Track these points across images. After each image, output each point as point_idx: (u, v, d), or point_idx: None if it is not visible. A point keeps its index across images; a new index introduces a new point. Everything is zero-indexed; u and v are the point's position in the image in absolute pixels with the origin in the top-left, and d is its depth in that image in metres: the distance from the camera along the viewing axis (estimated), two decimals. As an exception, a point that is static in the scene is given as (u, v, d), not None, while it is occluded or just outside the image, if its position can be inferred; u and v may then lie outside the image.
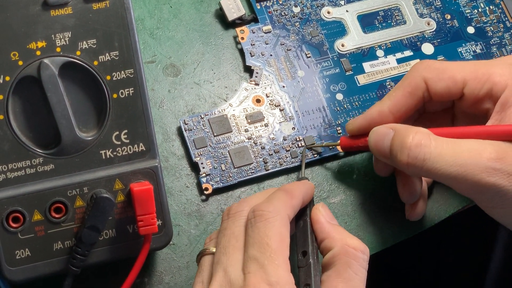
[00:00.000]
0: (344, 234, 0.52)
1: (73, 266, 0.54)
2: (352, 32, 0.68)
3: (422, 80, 0.58)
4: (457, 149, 0.53)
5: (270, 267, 0.47)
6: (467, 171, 0.52)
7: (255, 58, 0.66)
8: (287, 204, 0.51)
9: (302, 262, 0.51)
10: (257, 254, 0.48)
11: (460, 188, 0.54)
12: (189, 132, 0.63)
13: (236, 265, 0.49)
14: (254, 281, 0.47)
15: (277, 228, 0.49)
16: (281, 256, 0.48)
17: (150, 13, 0.67)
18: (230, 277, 0.48)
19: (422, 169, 0.54)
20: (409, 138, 0.54)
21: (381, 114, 0.59)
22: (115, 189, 0.55)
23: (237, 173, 0.62)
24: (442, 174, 0.53)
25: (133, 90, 0.55)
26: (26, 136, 0.53)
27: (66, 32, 0.53)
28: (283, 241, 0.49)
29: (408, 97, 0.59)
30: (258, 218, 0.50)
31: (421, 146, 0.54)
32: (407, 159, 0.54)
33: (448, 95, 0.58)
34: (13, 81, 0.52)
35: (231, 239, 0.50)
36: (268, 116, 0.64)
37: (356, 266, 0.50)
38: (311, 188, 0.55)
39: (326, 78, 0.67)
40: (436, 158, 0.53)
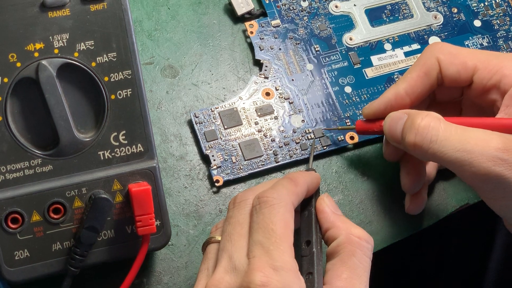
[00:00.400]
0: (349, 224, 0.52)
1: (72, 267, 0.54)
2: (360, 26, 0.69)
3: (436, 60, 0.59)
4: (465, 136, 0.53)
5: (275, 252, 0.47)
6: (473, 158, 0.52)
7: (264, 52, 0.67)
8: (292, 191, 0.52)
9: (306, 251, 0.52)
10: (262, 239, 0.48)
11: (464, 175, 0.54)
12: (200, 125, 0.63)
13: (241, 251, 0.49)
14: (259, 265, 0.47)
15: (282, 214, 0.49)
16: (285, 242, 0.48)
17: (148, 14, 0.67)
18: (235, 262, 0.48)
19: (428, 151, 0.54)
20: (419, 119, 0.55)
21: (397, 96, 0.59)
22: (113, 189, 0.55)
23: (248, 165, 0.63)
24: (447, 158, 0.53)
25: (131, 91, 0.55)
26: (25, 137, 0.54)
27: (64, 33, 0.53)
28: (288, 227, 0.49)
29: (423, 78, 0.59)
30: (263, 205, 0.50)
31: (430, 128, 0.54)
32: (414, 139, 0.54)
33: (458, 80, 0.58)
34: (11, 82, 0.53)
35: (236, 226, 0.50)
36: (278, 109, 0.65)
37: (360, 254, 0.50)
38: (316, 178, 0.55)
39: (334, 71, 0.67)
40: (443, 141, 0.53)
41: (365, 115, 0.61)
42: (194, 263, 0.60)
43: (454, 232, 0.82)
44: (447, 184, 0.65)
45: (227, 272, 0.48)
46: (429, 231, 0.64)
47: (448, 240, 0.84)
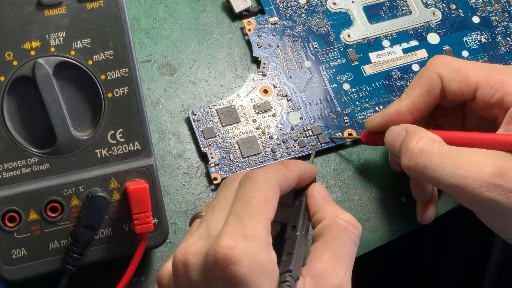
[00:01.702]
0: (337, 208, 0.52)
1: (69, 265, 0.54)
2: (358, 23, 0.69)
3: (438, 77, 0.58)
4: (459, 160, 0.53)
5: (248, 221, 0.47)
6: (466, 183, 0.52)
7: (262, 49, 0.67)
8: (280, 172, 0.52)
9: (290, 235, 0.51)
10: (238, 209, 0.48)
11: (459, 199, 0.54)
12: (198, 123, 0.63)
13: (220, 222, 0.49)
14: (230, 231, 0.47)
15: (264, 190, 0.49)
16: (261, 215, 0.48)
17: (145, 12, 0.67)
18: (210, 230, 0.49)
19: (422, 176, 0.54)
20: (413, 142, 0.55)
21: (399, 113, 0.59)
22: (110, 188, 0.55)
23: (246, 162, 0.63)
24: (441, 183, 0.54)
25: (128, 89, 0.55)
26: (21, 136, 0.54)
27: (60, 32, 0.53)
28: (268, 203, 0.49)
29: (425, 95, 0.59)
30: (247, 180, 0.50)
31: (423, 153, 0.54)
32: (408, 163, 0.55)
33: (460, 95, 0.58)
34: (8, 81, 0.53)
35: (220, 201, 0.51)
36: (276, 106, 0.65)
37: (345, 238, 0.50)
38: (311, 168, 0.55)
39: (332, 69, 0.67)
40: (436, 167, 0.53)
41: (368, 128, 0.61)
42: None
43: (453, 229, 0.82)
44: (446, 181, 0.65)
45: (200, 238, 0.49)
46: (428, 228, 0.64)
47: (447, 237, 0.84)
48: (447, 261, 0.85)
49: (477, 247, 0.82)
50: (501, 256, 0.80)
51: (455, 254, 0.84)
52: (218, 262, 0.46)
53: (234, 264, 0.45)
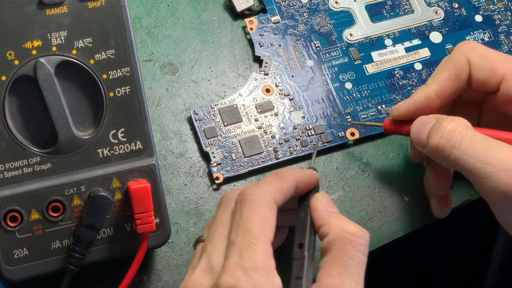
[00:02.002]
0: (342, 221, 0.51)
1: (71, 265, 0.54)
2: (360, 22, 0.69)
3: (467, 62, 0.57)
4: (491, 148, 0.52)
5: (246, 252, 0.47)
6: (494, 172, 0.51)
7: (264, 48, 0.67)
8: (275, 187, 0.51)
9: (297, 255, 0.51)
10: (236, 239, 0.48)
11: (482, 188, 0.53)
12: (200, 122, 0.63)
13: (220, 252, 0.48)
14: (229, 267, 0.46)
15: (260, 212, 0.49)
16: (260, 241, 0.47)
17: (147, 11, 0.67)
18: (212, 263, 0.48)
19: (450, 156, 0.53)
20: (446, 122, 0.54)
21: (428, 98, 0.58)
22: (112, 187, 0.55)
23: (248, 162, 0.63)
24: (468, 167, 0.53)
25: (130, 89, 0.55)
26: (23, 136, 0.53)
27: (62, 31, 0.53)
28: (265, 225, 0.48)
29: (454, 79, 0.58)
30: (242, 202, 0.49)
31: (455, 133, 0.53)
32: (438, 142, 0.54)
33: (485, 85, 0.57)
34: (9, 80, 0.52)
35: (218, 227, 0.50)
36: (278, 106, 0.65)
37: (351, 251, 0.49)
38: (310, 175, 0.54)
39: (335, 68, 0.67)
40: (466, 149, 0.53)
41: (394, 117, 0.60)
42: (194, 261, 0.60)
43: (456, 228, 0.82)
44: (449, 180, 0.64)
45: (203, 272, 0.48)
46: (430, 227, 0.64)
47: (450, 236, 0.84)
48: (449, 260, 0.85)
49: (479, 247, 0.82)
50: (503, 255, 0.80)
51: (457, 253, 0.84)
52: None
53: None
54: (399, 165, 0.64)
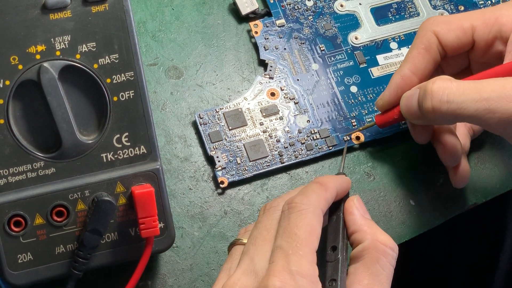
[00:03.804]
0: (376, 229, 0.51)
1: (75, 270, 0.54)
2: (366, 25, 0.69)
3: (433, 33, 0.59)
4: (480, 86, 0.53)
5: (293, 256, 0.47)
6: (493, 104, 0.52)
7: (269, 52, 0.67)
8: (321, 197, 0.51)
9: (331, 257, 0.51)
10: (283, 243, 0.48)
11: (490, 125, 0.54)
12: (204, 126, 0.63)
13: (263, 256, 0.48)
14: (276, 269, 0.46)
15: (309, 220, 0.49)
16: (307, 247, 0.47)
17: (152, 15, 0.67)
18: (255, 266, 0.48)
19: (448, 111, 0.54)
20: (429, 84, 0.55)
21: (403, 77, 0.59)
22: (116, 192, 0.54)
23: (253, 166, 0.62)
24: (468, 113, 0.53)
25: (134, 93, 0.55)
26: (27, 140, 0.53)
27: (65, 35, 0.53)
28: (313, 233, 0.48)
29: (424, 54, 0.59)
30: (291, 210, 0.50)
31: (443, 89, 0.54)
32: (431, 104, 0.54)
33: (459, 45, 0.59)
34: (13, 85, 0.52)
35: (262, 231, 0.50)
36: (283, 109, 0.65)
37: (384, 262, 0.49)
38: (346, 182, 0.55)
39: (340, 71, 0.67)
40: (460, 97, 0.53)
41: (380, 107, 0.61)
42: (199, 265, 0.60)
43: (462, 233, 0.82)
44: (455, 184, 0.64)
45: (245, 274, 0.48)
46: (436, 231, 0.64)
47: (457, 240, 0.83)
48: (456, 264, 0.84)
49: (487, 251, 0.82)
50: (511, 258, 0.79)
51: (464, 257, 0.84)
52: None
53: None
54: (404, 169, 0.64)
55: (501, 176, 0.65)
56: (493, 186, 0.65)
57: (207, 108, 0.64)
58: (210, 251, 0.60)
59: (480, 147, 0.66)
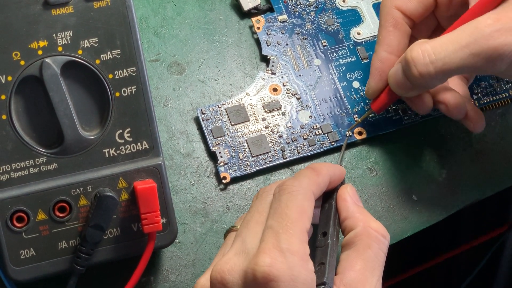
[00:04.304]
0: (368, 216, 0.52)
1: (78, 265, 0.54)
2: (368, 20, 0.68)
3: (395, 9, 0.60)
4: (455, 35, 0.54)
5: (283, 235, 0.47)
6: (474, 47, 0.53)
7: (271, 48, 0.66)
8: (313, 180, 0.51)
9: (321, 242, 0.51)
10: (273, 223, 0.48)
11: (478, 68, 0.54)
12: (207, 122, 0.63)
13: (255, 236, 0.49)
14: (266, 247, 0.47)
15: (299, 201, 0.49)
16: (297, 227, 0.48)
17: (154, 11, 0.67)
18: (246, 246, 0.48)
19: (436, 71, 0.54)
20: (408, 54, 0.55)
21: (381, 60, 0.60)
22: (119, 187, 0.55)
23: (255, 161, 0.62)
24: (454, 64, 0.54)
25: (136, 88, 0.55)
26: (29, 136, 0.53)
27: (67, 31, 0.53)
28: (303, 213, 0.49)
29: (394, 31, 0.60)
30: (282, 192, 0.50)
31: (422, 52, 0.55)
32: (417, 71, 0.55)
33: (424, 9, 0.59)
34: (15, 81, 0.52)
35: (254, 214, 0.51)
36: (285, 105, 0.65)
37: (376, 248, 0.50)
38: (340, 170, 0.55)
39: (342, 67, 0.67)
40: (440, 53, 0.54)
41: (371, 95, 0.62)
42: (201, 261, 0.60)
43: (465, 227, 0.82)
44: (457, 179, 0.64)
45: (237, 254, 0.48)
46: (438, 226, 0.64)
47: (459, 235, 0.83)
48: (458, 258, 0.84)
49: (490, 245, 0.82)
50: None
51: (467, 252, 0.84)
52: (258, 280, 0.46)
53: (274, 281, 0.45)
54: (406, 164, 0.64)
55: (503, 171, 0.65)
56: (495, 180, 0.65)
57: (209, 104, 0.64)
58: (213, 247, 0.60)
59: (482, 142, 0.66)
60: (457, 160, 0.65)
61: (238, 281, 0.47)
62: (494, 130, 0.66)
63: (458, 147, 0.65)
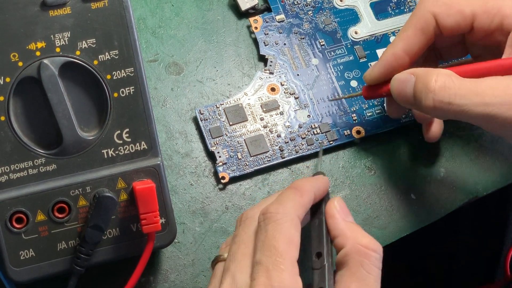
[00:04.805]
0: (357, 232, 0.50)
1: (77, 266, 0.54)
2: (365, 19, 0.69)
3: (431, 15, 0.58)
4: (482, 88, 0.53)
5: (274, 271, 0.46)
6: (494, 110, 0.52)
7: (269, 47, 0.67)
8: (297, 204, 0.50)
9: (317, 264, 0.50)
10: (263, 258, 0.47)
11: (490, 127, 0.54)
12: (205, 122, 0.63)
13: (244, 271, 0.48)
14: (258, 287, 0.46)
15: (286, 230, 0.48)
16: (287, 259, 0.47)
17: (152, 12, 0.67)
18: (237, 283, 0.47)
19: (450, 111, 0.54)
20: (432, 82, 0.54)
21: (395, 56, 0.59)
22: (117, 188, 0.55)
23: (254, 161, 0.63)
24: (469, 115, 0.53)
25: (134, 89, 0.55)
26: (28, 137, 0.54)
27: (65, 32, 0.53)
28: (291, 243, 0.48)
29: (419, 35, 0.58)
30: (267, 221, 0.49)
31: (445, 89, 0.53)
32: (433, 103, 0.54)
33: (458, 29, 0.58)
34: (14, 82, 0.53)
35: (240, 246, 0.49)
36: (283, 104, 0.65)
37: (368, 265, 0.48)
38: (323, 182, 0.53)
39: (340, 66, 0.67)
40: (461, 99, 0.53)
41: (368, 81, 0.61)
42: (201, 261, 0.60)
43: (463, 225, 0.82)
44: (455, 178, 0.64)
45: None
46: (438, 224, 0.64)
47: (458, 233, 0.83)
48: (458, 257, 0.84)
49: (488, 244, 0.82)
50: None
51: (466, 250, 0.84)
52: None
53: None
54: (405, 163, 0.64)
55: (501, 169, 0.65)
56: (493, 179, 0.65)
57: (207, 104, 0.64)
58: (212, 247, 0.60)
59: (481, 140, 0.66)
60: (455, 159, 0.65)
61: None
62: (492, 128, 0.66)
63: (457, 146, 0.65)
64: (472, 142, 0.65)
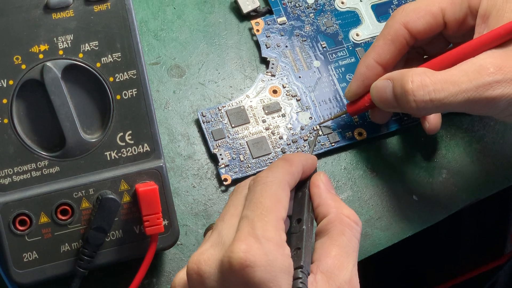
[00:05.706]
0: (340, 203, 0.52)
1: (81, 268, 0.54)
2: (367, 22, 0.69)
3: (402, 25, 0.59)
4: (457, 76, 0.54)
5: (258, 222, 0.47)
6: (472, 94, 0.53)
7: (271, 50, 0.67)
8: (286, 171, 0.51)
9: (296, 229, 0.51)
10: (248, 212, 0.48)
11: (474, 110, 0.55)
12: (207, 124, 0.63)
13: (231, 228, 0.49)
14: (241, 235, 0.47)
15: (274, 190, 0.49)
16: (272, 214, 0.48)
17: (153, 15, 0.67)
18: (222, 237, 0.48)
19: (433, 107, 0.54)
20: (409, 83, 0.55)
21: (368, 67, 0.60)
22: (120, 190, 0.55)
23: (256, 163, 0.63)
24: (452, 106, 0.54)
25: (136, 91, 0.55)
26: (31, 139, 0.54)
27: (68, 34, 0.53)
28: (279, 202, 0.49)
29: (390, 44, 0.59)
30: (256, 183, 0.50)
31: (423, 87, 0.54)
32: (415, 105, 0.55)
33: (430, 30, 0.59)
34: (17, 85, 0.53)
35: (230, 208, 0.51)
36: (285, 107, 0.65)
37: (349, 234, 0.50)
38: (312, 158, 0.55)
39: (341, 68, 0.67)
40: (440, 93, 0.54)
41: (349, 97, 0.62)
42: (203, 262, 0.60)
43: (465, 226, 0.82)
44: (457, 178, 0.64)
45: (213, 245, 0.48)
46: (440, 226, 0.64)
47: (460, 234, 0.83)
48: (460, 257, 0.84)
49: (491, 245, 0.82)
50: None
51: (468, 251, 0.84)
52: (234, 267, 0.46)
53: (250, 267, 0.45)
54: (407, 165, 0.64)
55: (503, 170, 0.65)
56: (495, 180, 0.65)
57: (209, 106, 0.64)
58: (215, 248, 0.60)
59: (482, 142, 0.66)
60: (457, 160, 0.65)
61: (215, 271, 0.47)
62: (494, 129, 0.66)
63: (458, 147, 0.66)
64: (473, 144, 0.66)
